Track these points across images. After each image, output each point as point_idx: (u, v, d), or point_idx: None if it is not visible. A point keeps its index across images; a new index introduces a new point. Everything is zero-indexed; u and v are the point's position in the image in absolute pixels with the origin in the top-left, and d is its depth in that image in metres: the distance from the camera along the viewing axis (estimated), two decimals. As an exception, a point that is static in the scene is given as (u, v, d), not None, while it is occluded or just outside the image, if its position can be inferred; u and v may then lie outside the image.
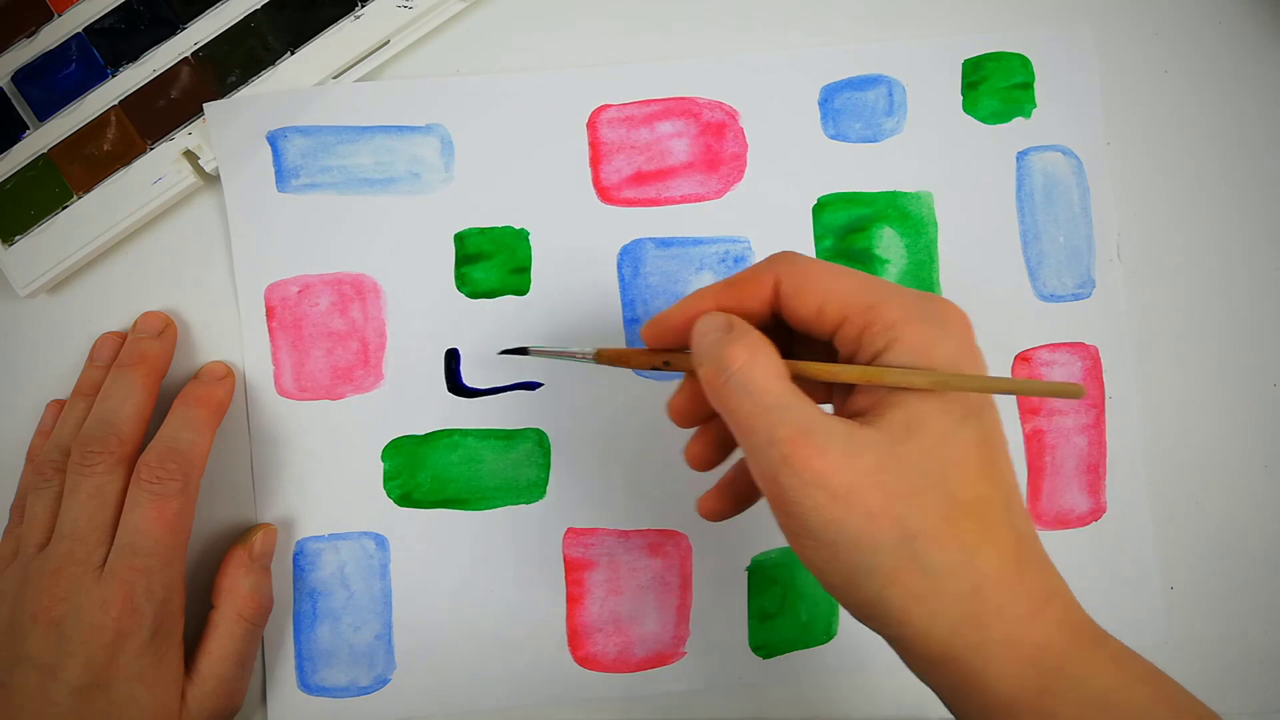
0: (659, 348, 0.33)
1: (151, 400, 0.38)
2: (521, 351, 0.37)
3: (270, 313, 0.41)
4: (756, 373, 0.28)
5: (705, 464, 0.34)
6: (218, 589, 0.39)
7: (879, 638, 0.29)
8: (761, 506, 0.35)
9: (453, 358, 0.42)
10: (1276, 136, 0.44)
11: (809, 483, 0.27)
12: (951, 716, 0.30)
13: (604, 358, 0.34)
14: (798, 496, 0.27)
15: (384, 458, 0.42)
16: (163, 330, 0.40)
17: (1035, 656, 0.27)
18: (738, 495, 0.34)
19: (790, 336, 0.32)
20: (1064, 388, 0.27)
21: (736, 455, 0.34)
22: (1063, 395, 0.28)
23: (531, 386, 0.42)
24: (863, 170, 0.43)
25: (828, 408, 0.30)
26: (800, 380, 0.31)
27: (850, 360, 0.30)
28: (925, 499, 0.27)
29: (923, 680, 0.30)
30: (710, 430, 0.34)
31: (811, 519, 0.27)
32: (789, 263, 0.30)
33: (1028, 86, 0.43)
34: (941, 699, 0.29)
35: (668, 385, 0.42)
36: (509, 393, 0.42)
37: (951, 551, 0.27)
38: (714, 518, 0.34)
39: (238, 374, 0.41)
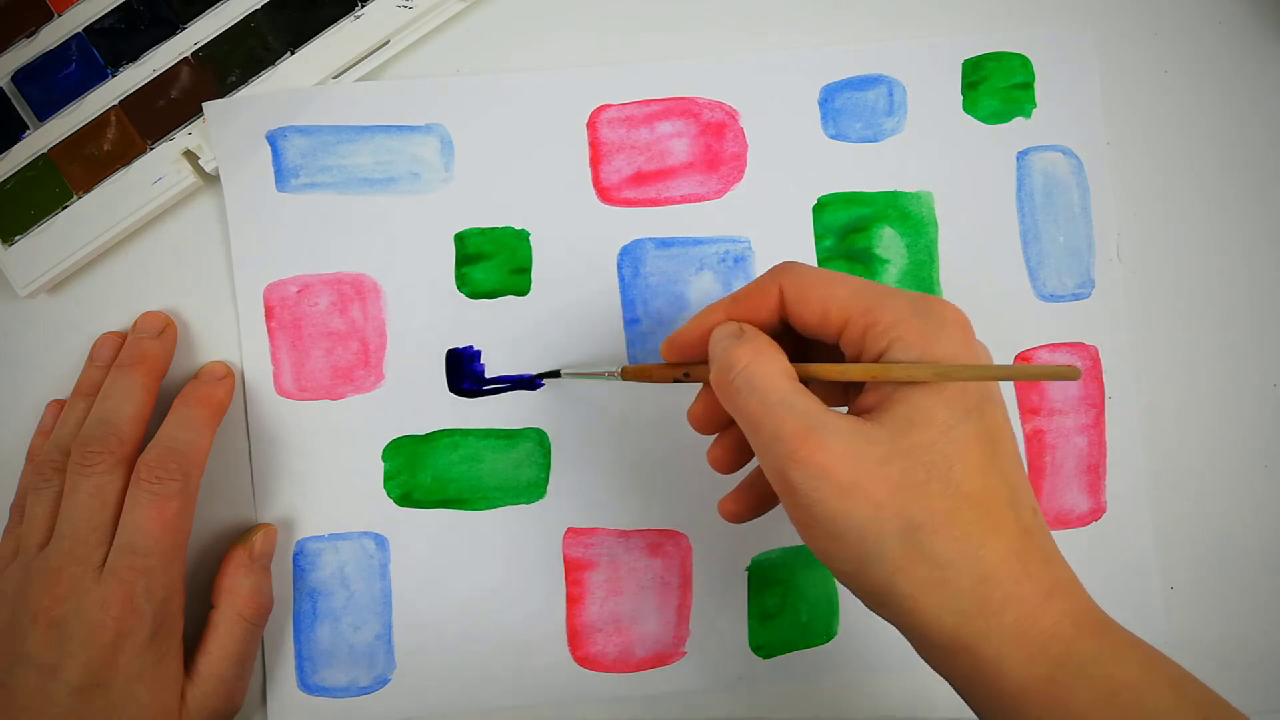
0: (677, 361, 0.34)
1: (151, 400, 0.39)
2: (554, 374, 0.41)
3: (270, 312, 0.41)
4: (760, 371, 0.29)
5: (726, 467, 0.35)
6: (218, 589, 0.39)
7: (880, 638, 0.30)
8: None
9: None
10: (1276, 136, 0.44)
11: (814, 476, 0.28)
12: (966, 712, 0.30)
13: (628, 374, 0.37)
14: (805, 490, 0.28)
15: (384, 458, 0.42)
16: (163, 330, 0.41)
17: (1043, 645, 0.28)
18: (758, 497, 0.35)
19: (806, 345, 0.33)
20: (1060, 370, 0.28)
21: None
22: (1059, 378, 0.28)
23: (532, 386, 0.42)
24: (863, 170, 0.43)
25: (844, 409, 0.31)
26: (816, 385, 0.32)
27: (857, 361, 0.30)
28: (929, 491, 0.28)
29: (935, 669, 0.30)
30: (730, 436, 0.35)
31: (819, 510, 0.28)
32: (791, 272, 0.32)
33: (1028, 86, 0.43)
34: (954, 687, 0.30)
35: (667, 385, 0.42)
36: (509, 393, 0.42)
37: (956, 542, 0.28)
38: (735, 519, 0.35)
39: (237, 374, 0.41)
